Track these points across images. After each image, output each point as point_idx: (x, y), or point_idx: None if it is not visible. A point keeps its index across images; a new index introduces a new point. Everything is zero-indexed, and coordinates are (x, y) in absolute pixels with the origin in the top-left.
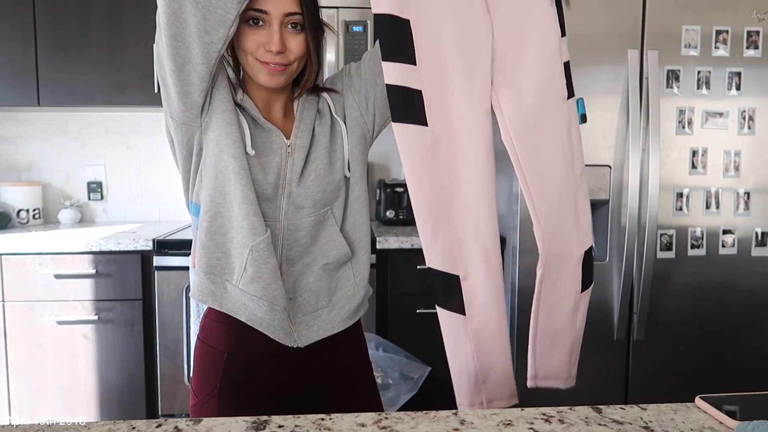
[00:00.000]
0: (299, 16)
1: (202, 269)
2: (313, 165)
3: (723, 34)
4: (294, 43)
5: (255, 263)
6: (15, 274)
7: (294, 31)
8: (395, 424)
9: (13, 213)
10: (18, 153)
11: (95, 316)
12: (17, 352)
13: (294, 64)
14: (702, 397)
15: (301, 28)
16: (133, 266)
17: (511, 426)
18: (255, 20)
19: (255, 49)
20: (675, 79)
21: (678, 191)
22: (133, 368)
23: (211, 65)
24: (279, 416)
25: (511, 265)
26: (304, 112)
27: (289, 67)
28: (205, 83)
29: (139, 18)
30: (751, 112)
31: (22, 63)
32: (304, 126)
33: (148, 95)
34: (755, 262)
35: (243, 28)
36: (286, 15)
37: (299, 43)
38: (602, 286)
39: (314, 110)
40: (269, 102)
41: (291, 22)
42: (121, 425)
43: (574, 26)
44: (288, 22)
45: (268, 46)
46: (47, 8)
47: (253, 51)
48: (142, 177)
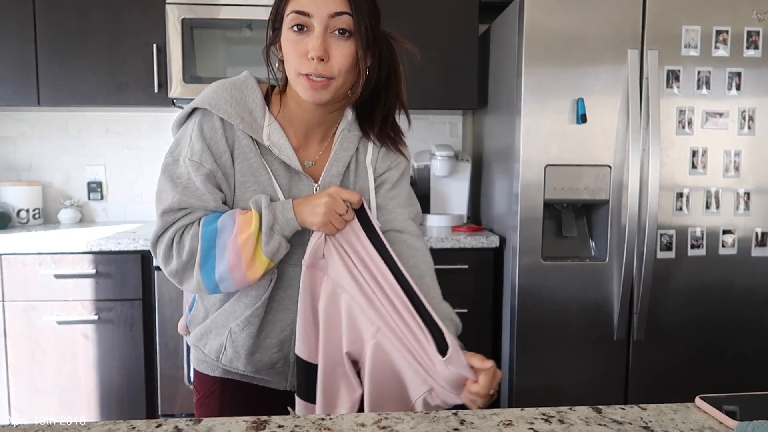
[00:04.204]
0: (347, 17)
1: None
2: None
3: (723, 34)
4: (339, 53)
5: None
6: (15, 274)
7: (341, 38)
8: (395, 424)
9: (13, 213)
10: (18, 153)
11: (95, 316)
12: (17, 352)
13: (339, 79)
14: (702, 397)
15: (350, 35)
16: (133, 266)
17: (511, 426)
18: (299, 26)
19: (297, 60)
20: (675, 79)
21: (678, 191)
22: (133, 368)
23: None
24: (279, 416)
25: (511, 265)
26: (341, 151)
27: (333, 81)
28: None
29: (139, 18)
30: (751, 112)
31: (22, 63)
32: (336, 169)
33: (148, 95)
34: (755, 262)
35: (287, 35)
36: (332, 16)
37: (345, 54)
38: (602, 286)
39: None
40: (310, 124)
41: (338, 27)
42: (121, 425)
43: (574, 26)
44: (335, 27)
45: (308, 52)
46: (47, 8)
47: (294, 61)
48: (142, 177)
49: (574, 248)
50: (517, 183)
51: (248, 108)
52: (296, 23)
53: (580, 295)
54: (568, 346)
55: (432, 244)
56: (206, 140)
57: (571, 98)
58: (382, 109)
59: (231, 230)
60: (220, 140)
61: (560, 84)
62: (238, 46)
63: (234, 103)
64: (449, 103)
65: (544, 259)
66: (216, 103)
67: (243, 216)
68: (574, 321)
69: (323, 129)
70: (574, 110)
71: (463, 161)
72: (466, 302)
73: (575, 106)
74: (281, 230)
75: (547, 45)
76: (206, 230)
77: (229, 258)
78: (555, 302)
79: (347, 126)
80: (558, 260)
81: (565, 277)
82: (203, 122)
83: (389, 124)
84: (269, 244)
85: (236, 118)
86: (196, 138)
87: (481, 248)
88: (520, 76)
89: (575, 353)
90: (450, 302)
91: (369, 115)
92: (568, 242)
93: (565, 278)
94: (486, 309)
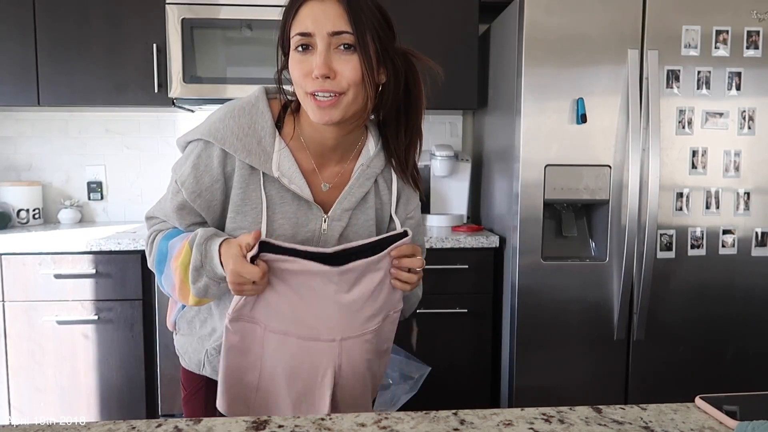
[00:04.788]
0: (349, 35)
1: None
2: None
3: (723, 34)
4: (346, 67)
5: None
6: (15, 274)
7: (346, 53)
8: (395, 424)
9: (13, 213)
10: (18, 153)
11: (95, 316)
12: (17, 352)
13: (349, 94)
14: (702, 397)
15: (354, 50)
16: (133, 266)
17: (511, 426)
18: (303, 46)
19: (301, 79)
20: (675, 79)
21: (678, 191)
22: (133, 368)
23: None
24: (279, 416)
25: (511, 265)
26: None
27: (342, 97)
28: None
29: (139, 18)
30: (751, 112)
31: (22, 63)
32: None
33: (148, 95)
34: (755, 262)
35: (293, 56)
36: (332, 34)
37: (353, 67)
38: (602, 286)
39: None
40: (325, 146)
41: (342, 43)
42: (121, 425)
43: (574, 26)
44: (338, 43)
45: (313, 71)
46: (47, 8)
47: (300, 81)
48: (142, 177)
49: (574, 248)
50: (517, 183)
51: (257, 136)
52: (300, 44)
53: (580, 295)
54: (568, 346)
55: (432, 244)
56: (198, 171)
57: (571, 98)
58: (405, 135)
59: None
60: (216, 170)
61: (560, 84)
62: (238, 46)
63: (241, 134)
64: (449, 103)
65: (544, 259)
66: (222, 135)
67: (182, 243)
68: (574, 321)
69: (340, 152)
70: (574, 110)
71: (463, 161)
72: (466, 302)
73: (575, 106)
74: (208, 274)
75: (547, 45)
76: (162, 244)
77: (171, 278)
78: (555, 302)
79: (367, 162)
80: (558, 260)
81: (565, 277)
82: (202, 152)
83: (414, 154)
84: (196, 284)
85: (242, 152)
86: (188, 166)
87: (481, 248)
88: (520, 76)
89: (575, 353)
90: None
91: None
92: (568, 242)
93: (565, 278)
94: (486, 309)
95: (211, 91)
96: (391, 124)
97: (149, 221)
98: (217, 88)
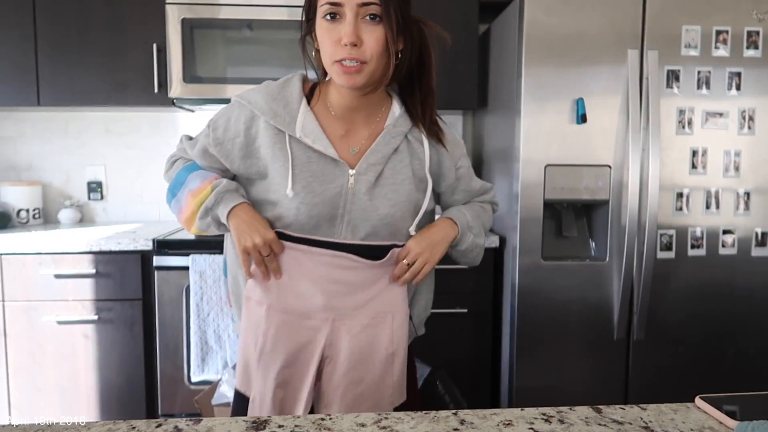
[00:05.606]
0: (376, 6)
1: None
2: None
3: (723, 34)
4: (370, 37)
5: None
6: (15, 274)
7: (372, 23)
8: (395, 424)
9: (13, 213)
10: (18, 153)
11: (95, 316)
12: (17, 351)
13: (371, 63)
14: (702, 397)
15: (380, 20)
16: (133, 266)
17: (511, 426)
18: (332, 14)
19: (331, 47)
20: (675, 79)
21: (678, 191)
22: (133, 368)
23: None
24: (279, 416)
25: (511, 265)
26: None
27: (366, 65)
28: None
29: (139, 18)
30: (751, 112)
31: (22, 63)
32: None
33: (148, 95)
34: (755, 262)
35: (321, 24)
36: (361, 5)
37: (377, 38)
38: (602, 286)
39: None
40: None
41: (369, 13)
42: (121, 425)
43: (574, 26)
44: (365, 13)
45: (341, 39)
46: (47, 8)
47: (328, 48)
48: (142, 177)
49: (574, 248)
50: (517, 183)
51: (284, 101)
52: (329, 12)
53: (580, 295)
54: (568, 346)
55: None
56: (227, 123)
57: (571, 98)
58: (420, 93)
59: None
60: (240, 127)
61: (560, 84)
62: (238, 46)
63: (269, 99)
64: (449, 103)
65: (544, 259)
66: (253, 99)
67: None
68: (574, 321)
69: (364, 114)
70: (574, 110)
71: None
72: (466, 302)
73: (575, 106)
74: (213, 216)
75: (547, 45)
76: (181, 173)
77: (182, 205)
78: (555, 302)
79: (393, 122)
80: (558, 260)
81: (565, 277)
82: (234, 110)
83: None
84: (202, 219)
85: (268, 114)
86: (221, 116)
87: None
88: (520, 76)
89: (575, 353)
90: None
91: (411, 101)
92: (568, 242)
93: (565, 278)
94: (486, 309)
95: (211, 91)
96: (407, 85)
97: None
98: (217, 88)
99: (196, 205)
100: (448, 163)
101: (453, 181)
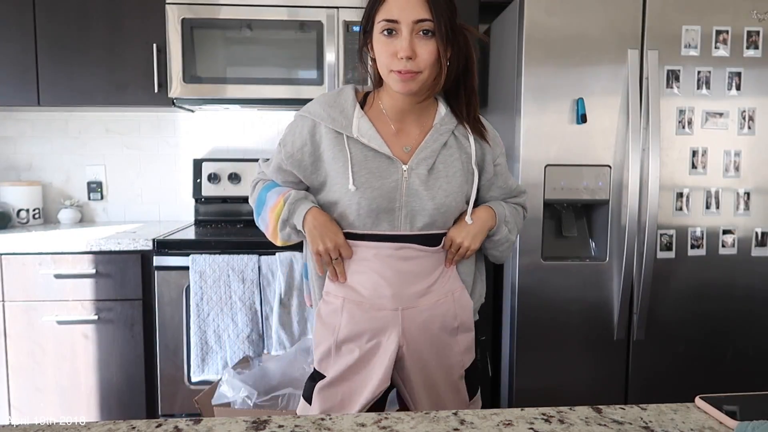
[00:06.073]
0: (429, 22)
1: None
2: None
3: (723, 34)
4: (424, 50)
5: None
6: (15, 274)
7: (425, 38)
8: (395, 424)
9: (13, 213)
10: (18, 153)
11: (95, 316)
12: (17, 351)
13: (425, 73)
14: (702, 397)
15: (433, 35)
16: (133, 266)
17: (511, 426)
18: (388, 30)
19: (388, 59)
20: (675, 79)
21: (678, 191)
22: (133, 368)
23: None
24: (279, 416)
25: (512, 265)
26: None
27: (420, 74)
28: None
29: (139, 18)
30: (751, 112)
31: (22, 63)
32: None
33: (148, 95)
34: (755, 262)
35: (378, 38)
36: (416, 22)
37: (430, 51)
38: (602, 286)
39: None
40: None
41: (422, 29)
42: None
43: (574, 26)
44: (419, 29)
45: (398, 53)
46: (47, 8)
47: (386, 60)
48: (142, 177)
49: (574, 248)
50: None
51: (340, 107)
52: (386, 29)
53: (580, 295)
54: (568, 346)
55: None
56: (293, 136)
57: (571, 98)
58: (464, 94)
59: (270, 203)
60: (305, 136)
61: (560, 84)
62: (238, 46)
63: (326, 106)
64: None
65: (544, 259)
66: (313, 109)
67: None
68: (574, 321)
69: (415, 116)
70: (574, 110)
71: None
72: None
73: (575, 106)
74: (290, 226)
75: (547, 45)
76: (261, 193)
77: (266, 222)
78: (555, 302)
79: (440, 121)
80: (558, 260)
81: (565, 277)
82: (297, 123)
83: (473, 109)
84: (282, 231)
85: (327, 119)
86: (287, 132)
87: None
88: (520, 76)
89: (575, 353)
90: None
91: (456, 101)
92: (568, 242)
93: (565, 278)
94: (486, 309)
95: (211, 91)
96: (452, 88)
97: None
98: (217, 88)
99: (275, 220)
100: (489, 157)
101: (491, 176)
